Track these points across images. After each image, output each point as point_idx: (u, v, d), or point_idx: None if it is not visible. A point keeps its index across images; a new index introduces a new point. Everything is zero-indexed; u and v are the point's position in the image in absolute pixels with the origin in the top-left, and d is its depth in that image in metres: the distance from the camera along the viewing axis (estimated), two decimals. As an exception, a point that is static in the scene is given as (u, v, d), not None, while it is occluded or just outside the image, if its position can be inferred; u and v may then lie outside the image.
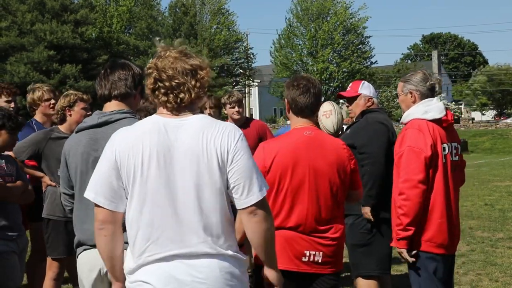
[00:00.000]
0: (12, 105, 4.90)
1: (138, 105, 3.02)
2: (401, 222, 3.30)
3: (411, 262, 3.39)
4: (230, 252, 2.15)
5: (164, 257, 2.08)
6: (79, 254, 2.86)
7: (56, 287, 4.33)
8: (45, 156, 4.24)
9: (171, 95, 2.13)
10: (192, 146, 2.10)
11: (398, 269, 5.82)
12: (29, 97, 4.94)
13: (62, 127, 4.32)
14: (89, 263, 2.80)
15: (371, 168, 3.97)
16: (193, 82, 2.14)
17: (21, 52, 29.14)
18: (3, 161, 3.74)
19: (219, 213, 2.12)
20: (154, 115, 2.21)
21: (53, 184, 4.24)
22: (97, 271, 2.78)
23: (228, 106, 5.66)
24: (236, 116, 5.53)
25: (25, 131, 4.64)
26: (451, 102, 50.76)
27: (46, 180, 4.30)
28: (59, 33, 30.02)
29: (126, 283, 2.18)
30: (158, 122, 2.15)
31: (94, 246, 2.73)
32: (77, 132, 2.89)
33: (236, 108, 5.58)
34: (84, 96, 4.34)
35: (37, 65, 28.93)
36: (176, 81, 2.13)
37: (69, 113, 4.28)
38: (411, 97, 3.57)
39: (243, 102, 5.84)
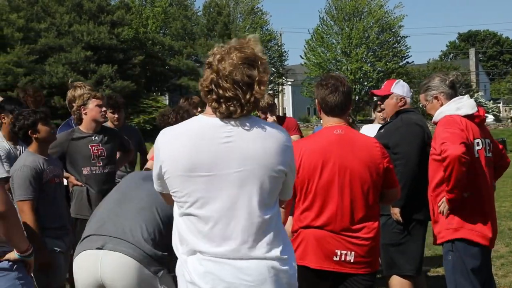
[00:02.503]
0: None
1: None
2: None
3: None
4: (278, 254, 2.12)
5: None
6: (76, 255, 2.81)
7: None
8: (70, 157, 4.28)
9: (223, 106, 2.05)
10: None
11: (435, 270, 5.75)
12: (69, 93, 5.02)
13: (82, 127, 4.37)
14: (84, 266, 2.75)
15: (403, 168, 3.94)
16: (247, 97, 2.04)
17: (59, 53, 29.78)
18: (51, 166, 3.81)
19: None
20: (200, 116, 2.17)
21: (79, 183, 4.30)
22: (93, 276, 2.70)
23: (259, 111, 5.70)
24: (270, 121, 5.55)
25: (64, 129, 4.75)
26: (489, 100, 49.66)
27: (72, 180, 4.35)
28: (96, 34, 30.57)
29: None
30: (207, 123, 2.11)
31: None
32: None
33: (269, 115, 5.60)
34: (98, 94, 4.38)
35: (74, 65, 29.51)
36: (231, 93, 2.03)
37: (84, 111, 4.34)
38: (438, 101, 3.58)
39: (275, 102, 5.86)
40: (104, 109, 4.37)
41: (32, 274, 2.90)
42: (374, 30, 39.00)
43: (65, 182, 4.28)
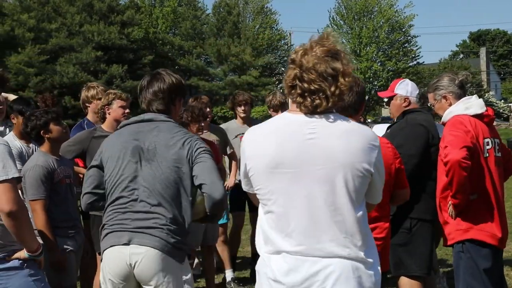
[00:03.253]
0: None
1: (178, 114, 3.09)
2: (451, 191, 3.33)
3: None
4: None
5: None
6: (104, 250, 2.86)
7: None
8: (89, 155, 4.29)
9: (308, 99, 2.06)
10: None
11: (445, 271, 5.72)
12: (83, 93, 5.05)
13: (104, 126, 4.41)
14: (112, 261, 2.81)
15: (404, 166, 3.92)
16: (332, 89, 2.05)
17: (70, 53, 29.93)
18: (63, 166, 3.84)
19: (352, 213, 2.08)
20: (285, 113, 2.18)
21: None
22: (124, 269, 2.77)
23: (271, 109, 5.74)
24: None
25: (76, 131, 4.78)
26: (500, 100, 49.30)
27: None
28: (106, 34, 30.69)
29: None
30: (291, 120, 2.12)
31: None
32: (121, 127, 2.97)
33: (280, 112, 5.63)
34: (123, 95, 4.42)
35: (85, 65, 29.65)
36: (316, 86, 2.05)
37: (108, 111, 4.38)
38: (446, 101, 3.58)
39: (287, 102, 5.88)
40: (127, 110, 4.41)
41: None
42: (384, 30, 38.83)
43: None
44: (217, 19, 38.96)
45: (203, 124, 4.75)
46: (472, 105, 3.49)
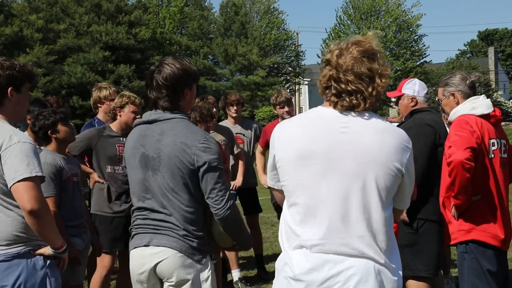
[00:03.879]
0: None
1: (191, 104, 2.96)
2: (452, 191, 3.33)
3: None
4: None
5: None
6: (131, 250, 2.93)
7: (105, 280, 4.45)
8: (96, 153, 4.36)
9: (346, 100, 2.02)
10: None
11: (453, 271, 5.70)
12: (94, 94, 5.08)
13: (113, 126, 4.44)
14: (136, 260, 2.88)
15: None
16: (369, 90, 2.02)
17: (78, 53, 30.05)
18: (70, 164, 3.86)
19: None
20: (319, 107, 2.14)
21: (101, 180, 4.36)
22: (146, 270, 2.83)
23: (277, 106, 5.72)
24: (287, 116, 5.55)
25: (86, 129, 4.81)
26: (509, 99, 49.04)
27: (95, 176, 4.41)
28: (114, 34, 30.79)
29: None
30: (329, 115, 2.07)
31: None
32: (134, 126, 2.97)
33: (286, 108, 5.63)
34: (136, 100, 4.43)
35: (93, 65, 29.77)
36: (353, 87, 2.01)
37: (119, 113, 4.41)
38: (454, 98, 3.57)
39: (292, 101, 5.89)
40: (138, 116, 4.43)
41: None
42: (391, 29, 38.75)
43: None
44: (224, 19, 39.00)
45: (210, 124, 4.76)
46: (479, 105, 3.48)
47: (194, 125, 2.94)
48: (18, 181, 2.54)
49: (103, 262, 4.38)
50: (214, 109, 5.40)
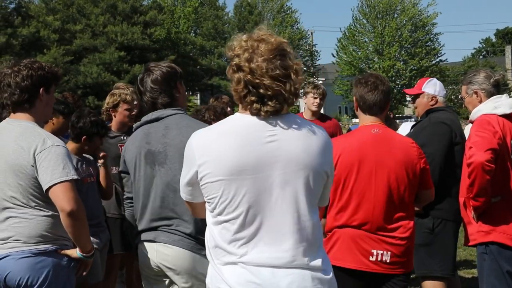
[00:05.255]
0: None
1: (186, 99, 3.04)
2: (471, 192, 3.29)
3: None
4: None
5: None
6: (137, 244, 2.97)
7: (112, 282, 4.46)
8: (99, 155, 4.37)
9: (269, 105, 1.91)
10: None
11: (470, 272, 5.65)
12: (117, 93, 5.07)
13: (112, 127, 4.44)
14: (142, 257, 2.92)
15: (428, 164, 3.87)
16: (288, 89, 1.92)
17: (93, 54, 30.29)
18: (84, 165, 3.89)
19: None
20: (239, 114, 2.00)
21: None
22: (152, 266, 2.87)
23: (311, 95, 5.69)
24: (314, 108, 5.60)
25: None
26: (526, 99, 48.44)
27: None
28: (129, 35, 30.98)
29: None
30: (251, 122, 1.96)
31: (148, 240, 2.86)
32: (135, 129, 3.01)
33: (318, 100, 5.63)
34: (128, 97, 4.40)
35: (108, 66, 29.97)
36: (273, 91, 1.90)
37: (113, 113, 4.42)
38: (477, 97, 3.53)
39: (325, 98, 5.88)
40: (134, 112, 4.43)
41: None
42: (407, 28, 38.52)
43: None
44: (239, 19, 39.07)
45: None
46: (501, 104, 3.43)
47: (196, 120, 3.01)
48: (55, 184, 2.59)
49: (112, 263, 4.40)
50: (229, 109, 5.39)
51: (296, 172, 1.94)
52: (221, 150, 1.93)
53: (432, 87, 4.22)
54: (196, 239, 2.80)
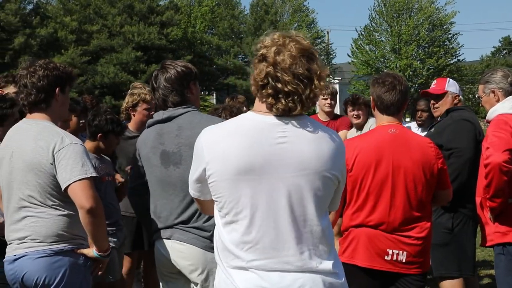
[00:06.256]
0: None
1: (199, 99, 3.06)
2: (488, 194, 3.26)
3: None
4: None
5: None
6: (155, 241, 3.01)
7: (129, 281, 4.49)
8: (117, 155, 4.38)
9: (282, 101, 1.88)
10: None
11: (488, 272, 5.59)
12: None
13: (131, 126, 4.46)
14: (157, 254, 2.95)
15: (456, 160, 3.84)
16: (307, 92, 1.88)
17: (110, 54, 30.51)
18: (103, 164, 3.92)
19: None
20: (250, 113, 1.99)
21: (123, 180, 4.39)
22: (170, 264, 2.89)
23: (320, 96, 5.70)
24: (327, 109, 5.59)
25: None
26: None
27: (118, 177, 4.42)
28: (146, 35, 31.15)
29: None
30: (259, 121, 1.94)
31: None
32: (147, 127, 3.03)
33: (329, 101, 5.62)
34: (147, 97, 4.43)
35: (125, 65, 30.16)
36: (291, 87, 1.87)
37: (132, 113, 4.44)
38: (494, 96, 3.51)
39: (336, 97, 5.86)
40: (152, 112, 4.45)
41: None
42: (424, 27, 38.22)
43: None
44: (255, 18, 39.07)
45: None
46: None
47: (209, 115, 2.99)
48: (74, 182, 2.61)
49: (125, 264, 4.42)
50: (245, 108, 5.40)
51: (305, 175, 1.90)
52: (229, 149, 1.90)
53: (453, 86, 4.26)
54: (211, 238, 2.82)
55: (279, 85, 1.87)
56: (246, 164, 1.88)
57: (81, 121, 4.22)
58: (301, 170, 1.90)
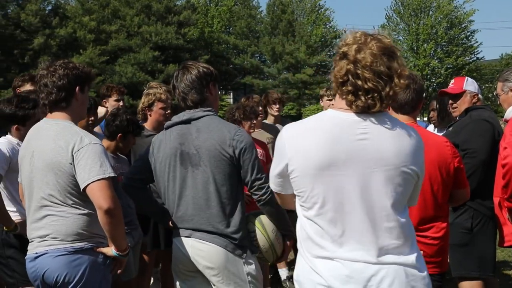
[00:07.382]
0: (121, 103, 5.17)
1: (217, 100, 3.11)
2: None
3: None
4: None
5: None
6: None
7: (146, 280, 4.52)
8: (134, 154, 4.39)
9: (362, 98, 1.93)
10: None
11: (508, 273, 5.53)
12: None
13: (148, 126, 4.49)
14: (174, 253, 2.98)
15: (470, 160, 3.81)
16: (387, 89, 1.92)
17: (128, 54, 30.74)
18: (119, 163, 3.97)
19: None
20: (331, 110, 2.03)
21: None
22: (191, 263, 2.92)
23: (326, 98, 5.68)
24: None
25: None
26: None
27: None
28: (163, 35, 31.33)
29: None
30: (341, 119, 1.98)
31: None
32: (166, 128, 3.05)
33: (333, 102, 5.58)
34: (162, 96, 4.45)
35: (143, 65, 30.38)
36: (371, 85, 1.91)
37: (149, 113, 4.47)
38: None
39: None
40: (168, 111, 4.48)
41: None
42: (442, 26, 37.85)
43: None
44: (272, 18, 39.03)
45: (255, 121, 4.79)
46: None
47: (226, 121, 3.05)
48: (93, 182, 2.63)
49: (146, 261, 4.45)
50: (259, 108, 5.41)
51: (386, 171, 1.94)
52: (311, 144, 1.95)
53: (472, 85, 4.21)
54: (231, 238, 2.85)
55: (359, 82, 1.91)
56: (328, 160, 1.93)
57: (90, 119, 4.27)
58: (382, 166, 1.94)
